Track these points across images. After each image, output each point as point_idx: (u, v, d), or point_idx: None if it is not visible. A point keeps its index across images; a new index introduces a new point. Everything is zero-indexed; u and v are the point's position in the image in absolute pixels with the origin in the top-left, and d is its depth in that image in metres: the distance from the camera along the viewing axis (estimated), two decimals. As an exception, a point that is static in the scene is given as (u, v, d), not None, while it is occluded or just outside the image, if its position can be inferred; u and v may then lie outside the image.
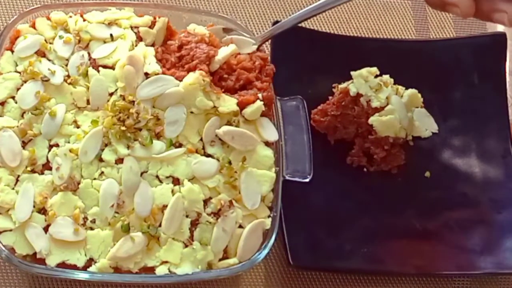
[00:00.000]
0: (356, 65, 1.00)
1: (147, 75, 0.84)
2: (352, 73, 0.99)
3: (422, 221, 0.98)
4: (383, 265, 0.95)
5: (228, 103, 0.84)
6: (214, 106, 0.84)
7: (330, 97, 1.01)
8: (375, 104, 0.97)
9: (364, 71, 0.99)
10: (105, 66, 0.85)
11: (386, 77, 1.00)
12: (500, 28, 1.14)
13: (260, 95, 0.86)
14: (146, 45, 0.87)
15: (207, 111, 0.84)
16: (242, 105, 0.85)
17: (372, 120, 0.97)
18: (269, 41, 0.99)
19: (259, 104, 0.85)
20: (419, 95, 1.01)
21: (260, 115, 0.86)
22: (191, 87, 0.83)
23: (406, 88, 1.01)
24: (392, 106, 0.97)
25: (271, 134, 0.86)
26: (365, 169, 1.00)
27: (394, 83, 1.00)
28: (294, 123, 0.88)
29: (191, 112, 0.84)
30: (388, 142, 0.98)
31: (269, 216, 0.83)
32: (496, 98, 1.04)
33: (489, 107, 1.04)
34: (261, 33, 0.94)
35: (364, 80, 0.98)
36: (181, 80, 0.84)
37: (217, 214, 0.81)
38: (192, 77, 0.84)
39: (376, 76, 0.99)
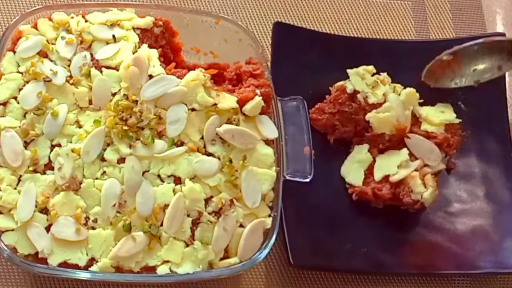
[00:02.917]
0: (356, 66, 1.00)
1: (151, 77, 0.84)
2: (348, 71, 0.99)
3: (422, 221, 0.99)
4: (383, 265, 0.95)
5: (228, 100, 0.85)
6: (215, 104, 0.84)
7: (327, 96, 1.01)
8: (372, 100, 0.97)
9: (361, 69, 0.99)
10: (108, 67, 0.85)
11: (383, 75, 1.00)
12: (499, 28, 1.15)
13: (258, 91, 0.86)
14: (149, 47, 0.88)
15: (208, 108, 0.84)
16: (241, 103, 0.85)
17: (369, 116, 0.97)
18: (270, 41, 1.00)
19: (258, 99, 0.86)
20: (417, 94, 1.01)
21: (260, 113, 0.86)
22: (193, 83, 0.84)
23: (404, 88, 1.01)
24: (389, 104, 0.97)
25: (271, 131, 0.86)
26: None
27: (393, 83, 1.01)
28: (294, 123, 0.88)
29: (193, 110, 0.84)
30: (384, 140, 0.98)
31: (269, 216, 0.83)
32: (496, 98, 1.04)
33: (489, 107, 1.04)
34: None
35: (360, 78, 0.98)
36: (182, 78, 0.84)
37: (218, 213, 0.81)
38: (193, 74, 0.84)
39: (373, 75, 1.00)
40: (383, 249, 0.95)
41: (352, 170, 0.98)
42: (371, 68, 1.00)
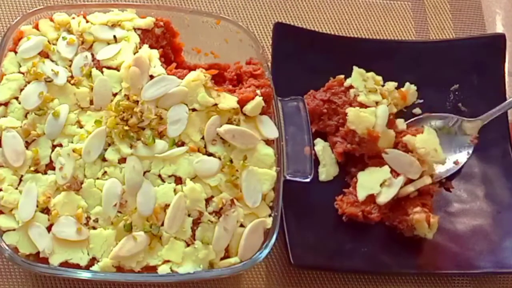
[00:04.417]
0: (356, 66, 1.01)
1: (151, 77, 0.85)
2: (354, 67, 0.99)
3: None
4: (383, 265, 0.95)
5: (229, 100, 0.85)
6: (215, 104, 0.84)
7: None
8: (361, 98, 0.97)
9: (370, 74, 0.99)
10: (109, 67, 0.85)
11: (386, 87, 1.00)
12: (499, 29, 1.15)
13: (258, 92, 0.86)
14: (150, 47, 0.88)
15: (209, 108, 0.84)
16: (242, 103, 0.86)
17: (349, 109, 0.97)
18: (271, 41, 1.00)
19: (258, 99, 0.86)
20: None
21: (260, 113, 0.86)
22: (194, 84, 0.84)
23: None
24: (374, 109, 0.97)
25: (271, 131, 0.86)
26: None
27: (396, 82, 1.01)
28: (295, 123, 0.88)
29: (194, 110, 0.84)
30: (353, 139, 0.97)
31: (270, 216, 0.84)
32: (496, 98, 1.05)
33: (489, 107, 1.04)
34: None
35: (362, 78, 0.99)
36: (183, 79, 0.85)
37: (218, 213, 0.82)
38: (194, 74, 0.85)
39: (383, 86, 1.00)
40: (383, 249, 0.96)
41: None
42: (379, 78, 1.00)
